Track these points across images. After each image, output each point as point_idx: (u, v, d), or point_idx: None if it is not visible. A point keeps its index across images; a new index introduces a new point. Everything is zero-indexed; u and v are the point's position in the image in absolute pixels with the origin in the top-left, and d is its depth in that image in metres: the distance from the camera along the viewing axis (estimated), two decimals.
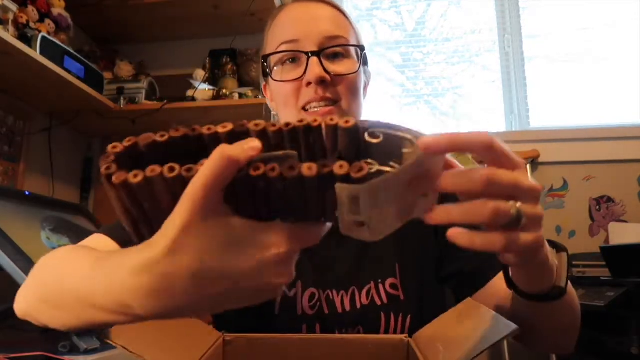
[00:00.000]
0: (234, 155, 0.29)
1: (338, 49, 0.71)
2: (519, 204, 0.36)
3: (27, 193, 1.31)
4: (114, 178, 0.31)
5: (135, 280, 0.31)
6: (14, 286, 0.96)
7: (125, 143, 0.33)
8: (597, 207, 1.79)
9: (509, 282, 0.50)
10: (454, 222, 0.36)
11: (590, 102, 1.95)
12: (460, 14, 2.14)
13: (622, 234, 1.63)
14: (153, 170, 0.30)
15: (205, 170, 0.29)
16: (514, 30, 2.04)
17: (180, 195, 0.30)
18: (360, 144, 0.35)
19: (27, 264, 0.98)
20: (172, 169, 0.31)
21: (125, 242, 0.61)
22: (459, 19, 2.13)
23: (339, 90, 0.70)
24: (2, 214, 1.11)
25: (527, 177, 0.37)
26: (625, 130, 1.82)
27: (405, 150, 0.34)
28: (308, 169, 0.30)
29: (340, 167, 0.31)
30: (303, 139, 0.35)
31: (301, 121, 0.34)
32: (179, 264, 0.30)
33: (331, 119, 0.34)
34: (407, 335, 0.58)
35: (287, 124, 0.34)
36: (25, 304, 0.49)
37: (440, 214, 0.36)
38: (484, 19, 2.09)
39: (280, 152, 0.32)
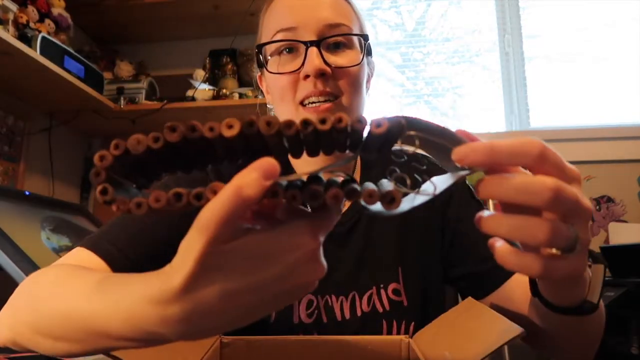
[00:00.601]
0: (250, 195, 0.26)
1: (339, 39, 0.65)
2: (574, 227, 0.31)
3: (27, 193, 1.31)
4: (114, 207, 0.28)
5: (161, 311, 0.28)
6: (14, 286, 0.96)
7: (114, 151, 0.28)
8: (597, 207, 1.79)
9: (535, 291, 0.45)
10: (499, 235, 0.32)
11: (590, 102, 1.95)
12: (460, 14, 2.13)
13: (622, 234, 1.63)
14: (157, 200, 0.27)
15: (218, 207, 0.26)
16: (514, 30, 2.04)
17: (192, 214, 0.28)
18: (385, 146, 0.32)
19: (27, 264, 0.98)
20: (178, 197, 0.27)
21: (112, 258, 0.57)
22: (459, 19, 2.13)
23: (340, 84, 0.64)
24: (2, 214, 1.11)
25: (581, 193, 0.32)
26: (625, 130, 1.81)
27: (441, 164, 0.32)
28: (333, 197, 0.28)
29: (369, 197, 0.28)
30: (324, 141, 0.31)
31: (323, 122, 0.28)
32: (203, 290, 0.28)
33: (359, 121, 0.29)
34: (407, 335, 0.58)
35: (306, 124, 0.28)
36: (12, 334, 0.44)
37: (491, 224, 0.31)
38: (484, 19, 2.09)
39: (304, 177, 0.30)
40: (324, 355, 0.56)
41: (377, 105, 2.11)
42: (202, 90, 1.68)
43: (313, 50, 0.63)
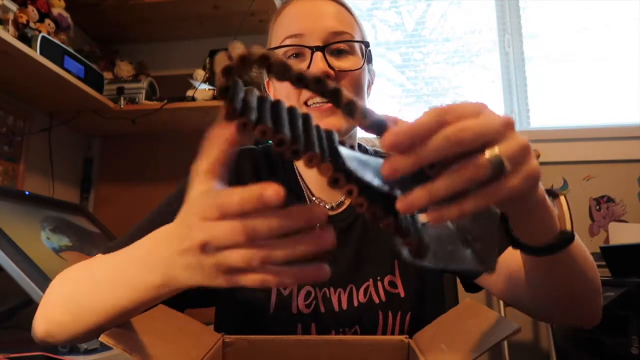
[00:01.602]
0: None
1: (342, 45, 0.71)
2: (496, 149, 0.33)
3: (27, 193, 1.31)
4: (226, 107, 0.33)
5: (184, 259, 0.37)
6: (14, 286, 0.96)
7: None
8: (597, 207, 1.79)
9: (512, 239, 0.45)
10: (437, 198, 0.33)
11: (590, 102, 1.95)
12: (460, 14, 2.14)
13: (622, 234, 1.63)
14: (263, 132, 0.33)
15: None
16: (514, 30, 2.04)
17: None
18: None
19: (27, 264, 0.98)
20: (280, 142, 0.33)
21: None
22: (459, 19, 2.13)
23: (342, 86, 0.69)
24: (2, 214, 1.11)
25: (495, 115, 0.34)
26: (625, 130, 1.82)
27: None
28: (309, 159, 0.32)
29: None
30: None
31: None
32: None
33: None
34: (407, 336, 0.58)
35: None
36: (46, 324, 0.54)
37: (419, 196, 0.33)
38: (484, 19, 2.09)
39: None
40: (325, 354, 0.56)
41: (377, 104, 2.11)
42: (202, 90, 1.68)
43: (318, 54, 0.69)
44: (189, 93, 1.68)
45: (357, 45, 0.73)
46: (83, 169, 1.94)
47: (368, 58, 0.75)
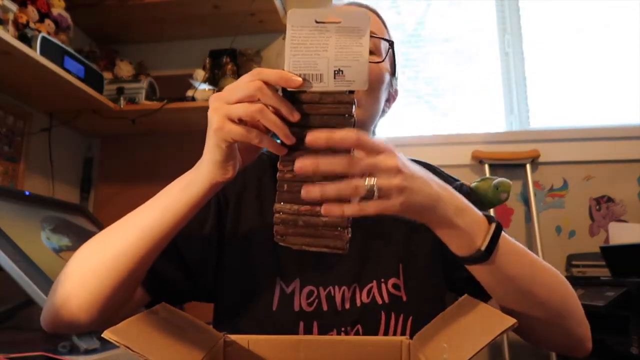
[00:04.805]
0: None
1: None
2: (373, 180, 0.47)
3: (27, 193, 1.31)
4: None
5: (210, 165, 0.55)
6: (14, 286, 0.96)
7: None
8: (597, 207, 1.79)
9: (449, 252, 0.57)
10: (327, 197, 0.47)
11: (590, 102, 1.95)
12: (460, 14, 2.13)
13: (622, 234, 1.63)
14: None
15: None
16: (514, 30, 2.04)
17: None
18: None
19: (27, 264, 0.98)
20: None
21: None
22: (459, 19, 2.13)
23: None
24: (2, 214, 1.11)
25: (388, 158, 0.48)
26: (625, 130, 1.82)
27: None
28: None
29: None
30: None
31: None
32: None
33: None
34: (408, 337, 0.58)
35: None
36: (66, 285, 0.60)
37: (315, 191, 0.47)
38: (484, 19, 2.09)
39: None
40: (325, 354, 0.56)
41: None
42: (202, 90, 1.68)
43: None
44: (189, 93, 1.68)
45: (382, 48, 0.75)
46: (83, 169, 1.95)
47: (392, 69, 0.80)
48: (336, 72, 0.51)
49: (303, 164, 0.47)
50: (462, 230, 0.54)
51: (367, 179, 0.47)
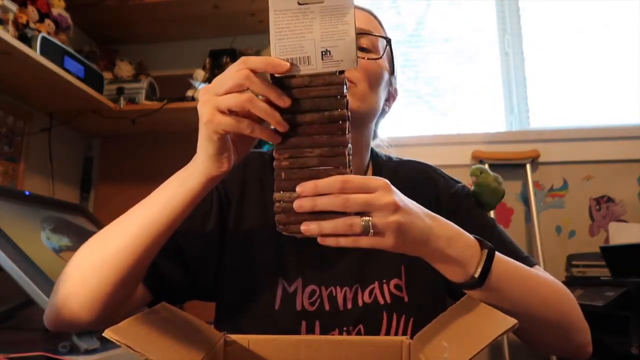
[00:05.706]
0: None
1: (365, 43, 0.74)
2: (368, 218, 0.48)
3: (27, 193, 1.31)
4: None
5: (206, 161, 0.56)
6: (14, 286, 0.96)
7: None
8: (597, 207, 1.79)
9: (446, 281, 0.58)
10: (324, 231, 0.49)
11: (590, 102, 1.95)
12: (460, 14, 2.13)
13: (622, 234, 1.63)
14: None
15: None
16: (514, 30, 2.04)
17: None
18: None
19: (27, 264, 0.98)
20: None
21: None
22: (459, 19, 2.13)
23: (358, 73, 0.72)
24: (2, 214, 1.11)
25: (384, 196, 0.49)
26: (625, 130, 1.82)
27: None
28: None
29: None
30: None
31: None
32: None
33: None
34: (408, 336, 0.58)
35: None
36: (67, 284, 0.60)
37: (313, 228, 0.49)
38: (484, 19, 2.09)
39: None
40: (325, 354, 0.56)
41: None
42: None
43: None
44: (189, 93, 1.68)
45: (380, 46, 0.76)
46: (83, 169, 1.94)
47: (391, 67, 0.80)
48: (323, 53, 0.50)
49: (302, 203, 0.50)
50: (454, 260, 0.55)
51: (363, 218, 0.48)
